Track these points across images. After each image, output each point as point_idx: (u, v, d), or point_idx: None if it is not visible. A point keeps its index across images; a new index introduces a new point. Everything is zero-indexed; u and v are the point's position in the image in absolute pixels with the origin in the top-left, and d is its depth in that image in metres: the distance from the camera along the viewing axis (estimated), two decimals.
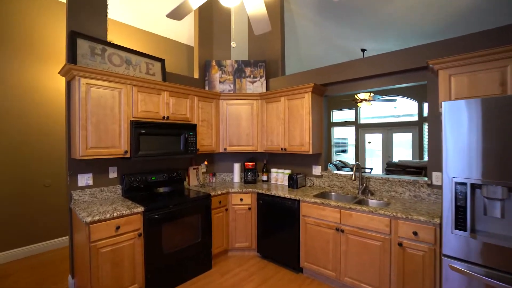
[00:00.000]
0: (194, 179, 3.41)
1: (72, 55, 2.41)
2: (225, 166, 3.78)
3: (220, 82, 3.62)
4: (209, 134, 3.30)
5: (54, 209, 3.47)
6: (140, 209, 2.25)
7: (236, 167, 3.63)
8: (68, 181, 2.42)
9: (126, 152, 2.46)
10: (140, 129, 2.52)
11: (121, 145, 2.45)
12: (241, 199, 3.11)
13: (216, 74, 3.62)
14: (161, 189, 2.95)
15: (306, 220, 2.60)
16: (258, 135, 3.47)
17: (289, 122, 3.14)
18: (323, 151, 3.18)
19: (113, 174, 2.69)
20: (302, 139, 3.00)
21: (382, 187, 2.65)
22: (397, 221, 1.99)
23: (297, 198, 2.67)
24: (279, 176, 3.46)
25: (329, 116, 9.67)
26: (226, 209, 3.08)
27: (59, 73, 2.36)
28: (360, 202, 2.61)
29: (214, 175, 3.61)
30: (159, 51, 4.61)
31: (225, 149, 3.41)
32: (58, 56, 3.48)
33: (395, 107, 9.00)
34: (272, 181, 3.55)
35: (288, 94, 3.13)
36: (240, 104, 3.44)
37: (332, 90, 3.12)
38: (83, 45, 2.51)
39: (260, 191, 3.05)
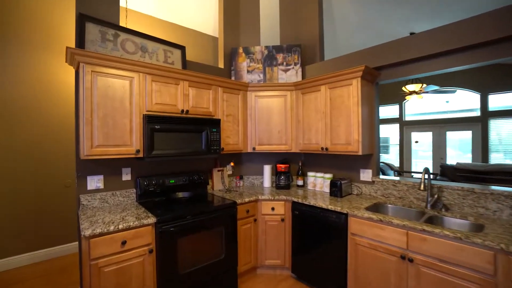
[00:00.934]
0: (219, 183, 2.99)
1: (80, 41, 2.10)
2: (253, 168, 3.31)
3: (248, 71, 3.16)
4: (235, 131, 2.85)
5: (74, 210, 3.27)
6: (151, 219, 1.86)
7: (267, 169, 3.14)
8: (76, 183, 2.12)
9: (138, 151, 2.10)
10: (155, 124, 2.14)
11: (132, 143, 2.10)
12: (273, 208, 2.61)
13: (243, 63, 3.17)
14: (180, 194, 2.56)
15: (356, 240, 2.02)
16: (292, 133, 2.94)
17: (331, 117, 2.57)
18: (375, 151, 2.56)
19: (126, 176, 2.35)
20: (349, 137, 2.42)
21: (463, 200, 1.97)
22: (509, 257, 1.34)
23: (344, 211, 2.10)
24: (318, 181, 2.89)
25: None
26: (255, 220, 2.61)
27: (66, 62, 2.07)
28: (432, 220, 1.96)
29: (241, 178, 3.16)
30: (181, 43, 4.29)
31: (253, 148, 2.94)
32: None
33: (447, 102, 7.86)
34: (309, 186, 3.00)
35: (330, 82, 2.56)
36: (271, 96, 2.95)
37: (387, 74, 2.49)
38: (93, 30, 2.20)
39: (295, 200, 2.52)
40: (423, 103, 7.71)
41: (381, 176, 2.55)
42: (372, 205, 2.24)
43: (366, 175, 2.61)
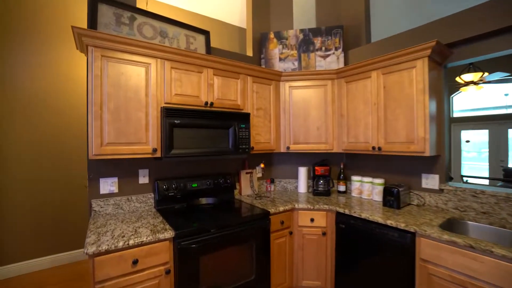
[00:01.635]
0: (247, 187, 2.61)
1: (92, 24, 1.83)
2: (286, 171, 2.89)
3: (280, 59, 2.75)
4: (266, 128, 2.45)
5: None
6: (169, 233, 1.53)
7: (302, 172, 2.71)
8: (88, 187, 1.85)
9: (155, 150, 1.79)
10: (174, 118, 1.82)
11: (148, 140, 1.79)
12: (312, 220, 2.18)
13: (275, 50, 2.76)
14: (204, 200, 2.22)
15: (429, 269, 1.53)
16: (334, 129, 2.48)
17: (386, 109, 2.08)
18: (443, 152, 2.02)
19: (143, 179, 2.06)
20: (411, 134, 1.91)
21: None
22: None
23: (411, 230, 1.62)
24: (365, 188, 2.40)
25: None
26: (291, 233, 2.19)
27: (77, 48, 1.81)
28: None
29: (272, 181, 2.76)
30: None
31: (288, 148, 2.53)
32: None
33: (506, 94, 6.83)
34: (353, 193, 2.52)
35: (384, 66, 2.07)
36: (308, 87, 2.51)
37: (461, 53, 1.94)
38: (106, 12, 1.92)
39: (340, 210, 2.07)
40: (476, 97, 6.77)
41: (455, 184, 2.00)
42: (445, 222, 1.72)
43: (430, 181, 2.08)
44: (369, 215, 1.87)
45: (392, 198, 2.05)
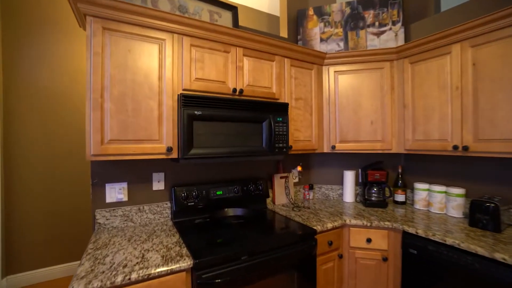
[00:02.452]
0: (282, 195, 2.16)
1: None
2: (328, 175, 2.40)
3: (321, 40, 2.26)
4: (307, 122, 1.98)
5: None
6: (186, 262, 1.12)
7: (349, 177, 2.20)
8: (91, 194, 1.51)
9: (170, 149, 1.40)
10: (195, 109, 1.42)
11: (162, 136, 1.40)
12: (369, 240, 1.68)
13: (314, 29, 2.28)
14: (231, 212, 1.80)
15: None
16: (393, 124, 1.95)
17: (476, 94, 1.52)
18: None
19: (158, 184, 1.69)
20: None
21: None
22: None
23: None
24: (436, 199, 1.85)
25: None
26: (340, 256, 1.70)
27: (79, 26, 1.47)
28: None
29: (311, 188, 2.28)
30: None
31: (333, 147, 2.04)
32: None
33: None
34: (418, 205, 1.97)
35: (475, 34, 1.51)
36: (359, 71, 2.00)
37: None
38: None
39: (410, 230, 1.55)
40: None
41: None
42: None
43: None
44: (459, 241, 1.34)
45: (486, 217, 1.49)
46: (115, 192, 1.56)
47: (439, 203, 1.84)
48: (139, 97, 1.34)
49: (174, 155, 1.43)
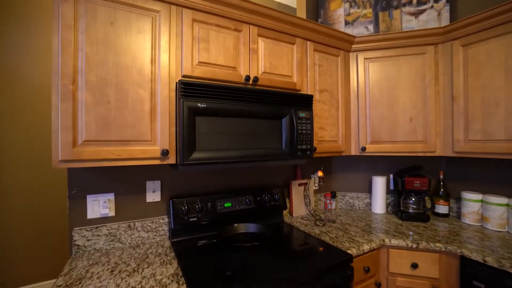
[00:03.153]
0: (301, 205, 1.83)
1: None
2: (353, 181, 2.06)
3: (346, 23, 1.93)
4: (333, 119, 1.65)
5: None
6: None
7: (379, 184, 1.86)
8: (68, 209, 1.20)
9: (165, 153, 1.08)
10: (197, 101, 1.10)
11: (155, 136, 1.08)
12: (415, 265, 1.34)
13: (338, 11, 1.95)
14: (242, 228, 1.48)
15: None
16: (437, 121, 1.61)
17: None
18: None
19: (153, 195, 1.37)
20: None
21: None
22: None
23: None
24: (495, 213, 1.50)
25: None
26: (378, 284, 1.37)
27: None
28: None
29: (333, 196, 1.95)
30: None
31: (363, 149, 1.70)
32: None
33: None
34: (467, 219, 1.62)
35: None
36: (395, 57, 1.66)
37: None
38: None
39: (472, 256, 1.21)
40: None
41: None
42: None
43: None
44: None
45: None
46: (99, 205, 1.25)
47: (499, 219, 1.49)
48: (125, 84, 1.02)
49: (171, 160, 1.12)
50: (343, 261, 1.16)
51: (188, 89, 1.08)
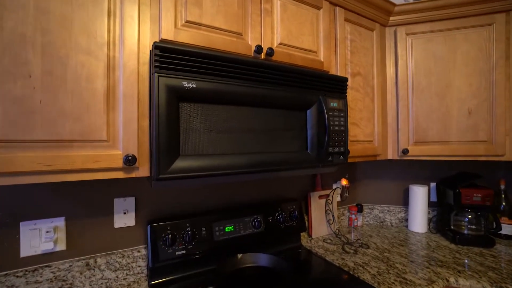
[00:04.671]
0: (322, 223, 1.43)
1: None
2: (381, 190, 1.67)
3: None
4: (367, 112, 1.26)
5: None
6: None
7: (419, 194, 1.47)
8: None
9: (130, 160, 0.67)
10: (182, 77, 0.70)
11: (114, 135, 0.68)
12: None
13: None
14: (249, 260, 1.07)
15: None
16: (509, 114, 1.21)
17: None
18: None
19: (124, 218, 0.97)
20: None
21: None
22: None
23: None
24: None
25: None
26: None
27: None
28: None
29: (360, 210, 1.55)
30: None
31: (404, 151, 1.30)
32: None
33: None
34: None
35: None
36: (448, 31, 1.27)
37: None
38: None
39: None
40: None
41: None
42: None
43: None
44: None
45: None
46: (40, 236, 0.84)
47: None
48: (60, 49, 0.62)
49: (143, 171, 0.72)
50: None
51: (168, 57, 0.68)
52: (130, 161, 0.67)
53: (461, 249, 1.25)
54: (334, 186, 1.56)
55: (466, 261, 1.12)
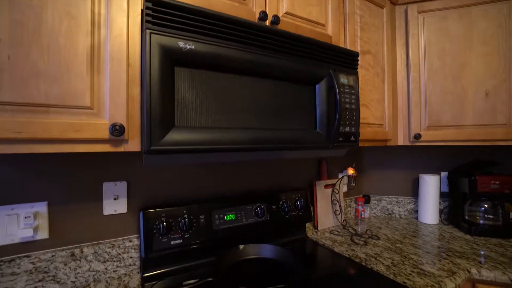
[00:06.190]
0: (328, 215, 1.35)
1: None
2: (389, 180, 1.59)
3: None
4: (377, 93, 1.17)
5: None
6: None
7: (430, 184, 1.40)
8: None
9: (118, 130, 0.58)
10: (179, 36, 0.61)
11: (99, 101, 0.59)
12: None
13: None
14: (252, 251, 0.98)
15: None
16: None
17: None
18: None
19: (115, 204, 0.88)
20: None
21: None
22: None
23: None
24: None
25: None
26: None
27: None
28: None
29: (367, 201, 1.47)
30: None
31: (416, 136, 1.22)
32: None
33: None
34: None
35: None
36: (463, 7, 1.19)
37: None
38: None
39: None
40: None
41: None
42: None
43: None
44: None
45: None
46: (18, 223, 0.75)
47: None
48: None
49: (132, 145, 0.63)
50: None
51: (162, 12, 0.59)
52: (117, 131, 0.58)
53: (478, 240, 1.17)
54: (340, 176, 1.48)
55: (485, 252, 1.04)
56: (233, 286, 0.76)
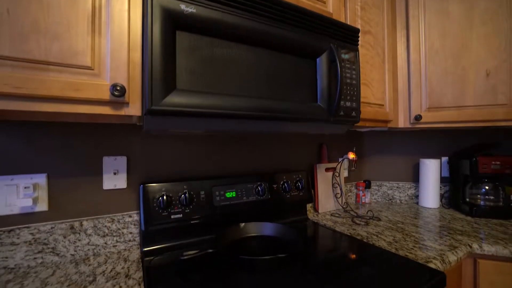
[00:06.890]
0: (329, 198, 1.34)
1: None
2: (389, 165, 1.59)
3: None
4: (377, 73, 1.17)
5: None
6: None
7: (430, 168, 1.40)
8: None
9: (118, 91, 0.58)
10: (181, 1, 0.60)
11: (100, 62, 0.59)
12: None
13: None
14: (252, 229, 0.98)
15: None
16: None
17: None
18: None
19: (115, 179, 0.87)
20: None
21: None
22: None
23: None
24: None
25: None
26: None
27: None
28: None
29: (368, 186, 1.47)
30: None
31: (417, 117, 1.22)
32: None
33: None
34: None
35: None
36: None
37: None
38: None
39: None
40: None
41: None
42: None
43: None
44: None
45: None
46: (17, 193, 0.75)
47: None
48: None
49: (133, 108, 0.62)
50: (430, 279, 0.67)
51: None
52: (118, 91, 0.57)
53: (479, 220, 1.17)
54: (340, 160, 1.47)
55: (486, 230, 1.04)
56: (234, 256, 0.75)
